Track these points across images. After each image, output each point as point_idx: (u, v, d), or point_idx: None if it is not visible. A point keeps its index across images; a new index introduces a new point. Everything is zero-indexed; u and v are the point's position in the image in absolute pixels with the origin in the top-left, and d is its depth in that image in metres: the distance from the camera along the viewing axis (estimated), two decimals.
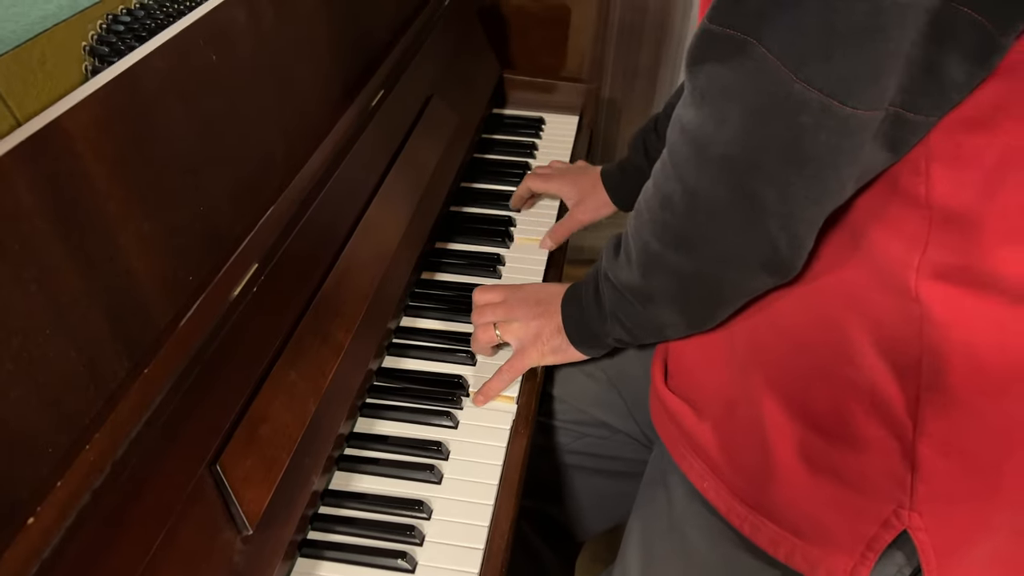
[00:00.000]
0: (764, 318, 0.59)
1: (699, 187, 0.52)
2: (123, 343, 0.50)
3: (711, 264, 0.56)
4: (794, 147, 0.46)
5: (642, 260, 0.60)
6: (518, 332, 0.75)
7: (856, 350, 0.54)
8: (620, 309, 0.66)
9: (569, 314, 0.73)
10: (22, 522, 0.41)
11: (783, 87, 0.44)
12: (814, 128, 0.45)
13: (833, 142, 0.46)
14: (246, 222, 0.63)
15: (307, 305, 0.67)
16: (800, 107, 0.44)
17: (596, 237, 1.78)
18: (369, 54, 0.89)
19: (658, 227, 0.57)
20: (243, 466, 0.55)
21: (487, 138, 1.20)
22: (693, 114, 0.50)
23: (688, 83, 0.51)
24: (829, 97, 0.44)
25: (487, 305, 0.78)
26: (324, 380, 0.64)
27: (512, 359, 0.76)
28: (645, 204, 0.59)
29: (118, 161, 0.50)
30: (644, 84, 1.50)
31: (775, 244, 0.51)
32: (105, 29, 0.65)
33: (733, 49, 0.46)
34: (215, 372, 0.56)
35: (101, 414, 0.47)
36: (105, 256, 0.49)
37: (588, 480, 0.86)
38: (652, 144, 0.94)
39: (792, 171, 0.47)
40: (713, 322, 0.63)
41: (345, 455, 0.70)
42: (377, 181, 0.83)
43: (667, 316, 0.63)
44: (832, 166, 0.47)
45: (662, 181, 0.56)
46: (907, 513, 0.54)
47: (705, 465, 0.64)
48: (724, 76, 0.47)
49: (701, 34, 0.48)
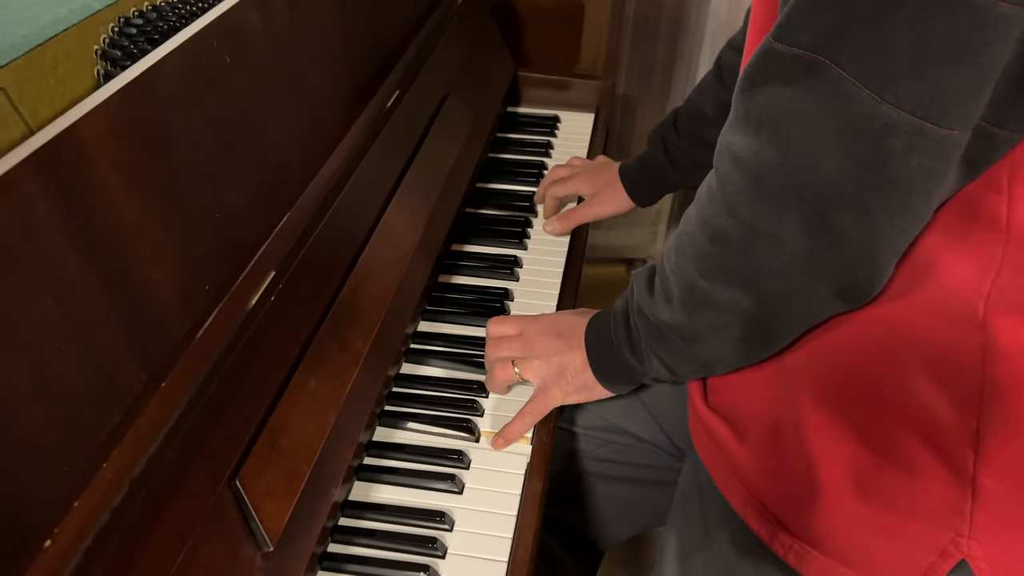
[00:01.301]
0: (814, 336, 0.57)
1: (760, 219, 0.48)
2: (140, 356, 0.49)
3: (773, 299, 0.52)
4: (878, 173, 0.43)
5: (687, 299, 0.56)
6: (539, 370, 0.70)
7: (911, 375, 0.51)
8: (660, 347, 0.61)
9: (595, 350, 0.68)
10: (39, 545, 0.40)
11: (865, 109, 0.41)
12: (904, 152, 0.42)
13: (926, 165, 0.42)
14: (263, 229, 0.61)
15: (325, 312, 0.66)
16: (888, 130, 0.41)
17: (612, 236, 1.77)
18: (383, 54, 0.88)
19: (707, 263, 0.53)
20: (263, 480, 0.54)
21: (502, 137, 1.18)
22: (748, 141, 0.47)
23: (741, 107, 0.48)
24: (922, 119, 0.41)
25: (503, 338, 0.73)
26: (343, 389, 0.63)
27: (535, 400, 0.70)
28: (688, 238, 0.55)
29: (133, 169, 0.49)
30: (660, 80, 1.48)
31: (852, 275, 0.48)
32: (117, 32, 0.63)
33: (801, 70, 0.43)
34: (234, 383, 0.54)
35: (119, 430, 0.46)
36: (121, 267, 0.48)
37: (612, 488, 0.84)
38: (672, 141, 0.92)
39: (876, 198, 0.44)
40: (768, 354, 0.58)
41: (364, 464, 0.68)
42: (394, 184, 0.81)
43: (716, 353, 0.59)
44: (922, 190, 0.44)
45: (711, 214, 0.52)
46: (966, 541, 0.52)
47: (747, 490, 0.62)
48: (790, 99, 0.44)
49: (764, 53, 0.45)
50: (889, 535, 0.55)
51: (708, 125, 0.89)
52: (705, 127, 0.89)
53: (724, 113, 0.86)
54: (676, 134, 0.92)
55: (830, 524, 0.57)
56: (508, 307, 0.86)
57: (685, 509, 0.72)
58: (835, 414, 0.56)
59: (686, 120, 0.91)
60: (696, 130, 0.90)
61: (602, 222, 1.04)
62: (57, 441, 0.42)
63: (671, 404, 0.78)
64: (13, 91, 0.54)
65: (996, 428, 0.49)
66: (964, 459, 0.51)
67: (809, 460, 0.58)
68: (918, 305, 0.50)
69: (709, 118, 0.89)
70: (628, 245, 1.84)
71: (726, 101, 0.86)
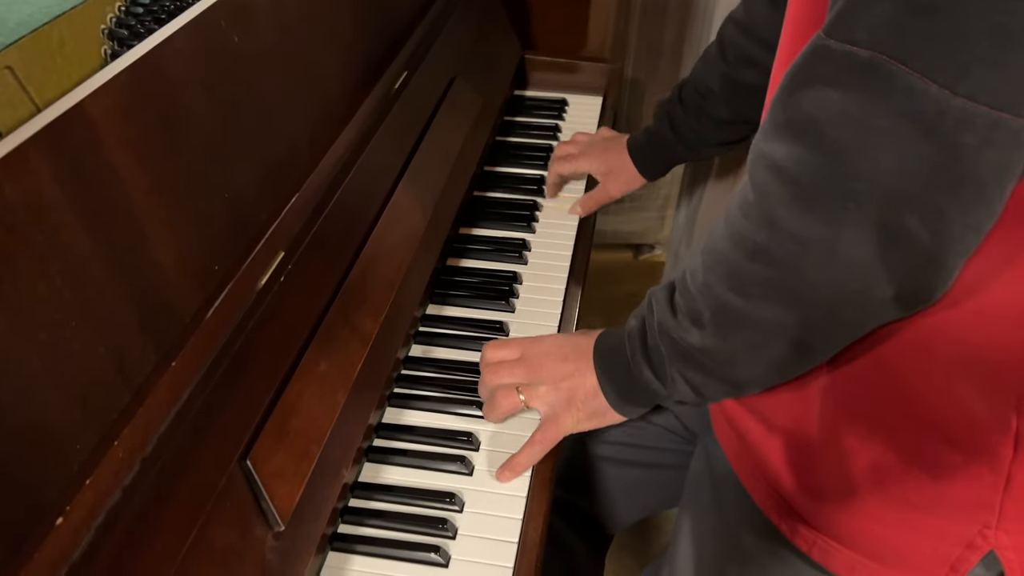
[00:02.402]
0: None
1: (808, 231, 0.45)
2: (151, 335, 0.49)
3: (820, 313, 0.49)
4: (949, 171, 0.41)
5: (720, 321, 0.52)
6: (547, 397, 0.65)
7: (950, 375, 0.50)
8: (688, 369, 0.57)
9: (610, 372, 0.63)
10: (51, 523, 0.40)
11: (934, 106, 0.39)
12: (978, 147, 0.39)
13: (1002, 159, 0.40)
14: (272, 209, 0.61)
15: (335, 294, 0.66)
16: (961, 126, 0.39)
17: (619, 221, 1.76)
18: (392, 35, 0.87)
19: (743, 281, 0.50)
20: (274, 460, 0.54)
21: (509, 120, 1.17)
22: (788, 148, 0.44)
23: (781, 113, 0.45)
24: (1000, 111, 0.38)
25: (502, 363, 0.68)
26: (353, 370, 0.63)
27: (544, 429, 0.65)
28: (720, 256, 0.51)
29: (142, 148, 0.49)
30: (668, 62, 1.47)
31: (916, 280, 0.45)
32: (124, 11, 0.63)
33: (856, 69, 0.40)
34: (244, 364, 0.54)
35: (129, 409, 0.46)
36: (131, 246, 0.48)
37: (620, 471, 0.84)
38: (677, 116, 0.92)
39: (946, 198, 0.41)
40: (807, 369, 0.55)
41: (374, 446, 0.68)
42: (402, 166, 0.81)
43: (753, 373, 0.55)
44: (997, 185, 0.41)
45: (747, 229, 0.48)
46: (993, 532, 0.51)
47: (769, 484, 0.62)
48: (841, 101, 0.41)
49: (814, 51, 0.42)
50: (916, 530, 0.54)
51: (714, 100, 0.88)
52: (710, 102, 0.88)
53: (728, 88, 0.87)
54: (682, 109, 0.91)
55: (856, 519, 0.57)
56: (517, 290, 0.86)
57: (697, 494, 0.72)
58: (867, 412, 0.55)
59: (692, 95, 0.91)
60: (701, 105, 0.89)
61: (608, 207, 1.03)
62: (68, 420, 0.42)
63: None
64: (20, 70, 0.54)
65: None
66: (1002, 457, 0.50)
67: (838, 456, 0.57)
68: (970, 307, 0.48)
69: (715, 93, 0.88)
70: (636, 231, 1.83)
71: (729, 76, 0.86)
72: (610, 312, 1.66)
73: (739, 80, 0.85)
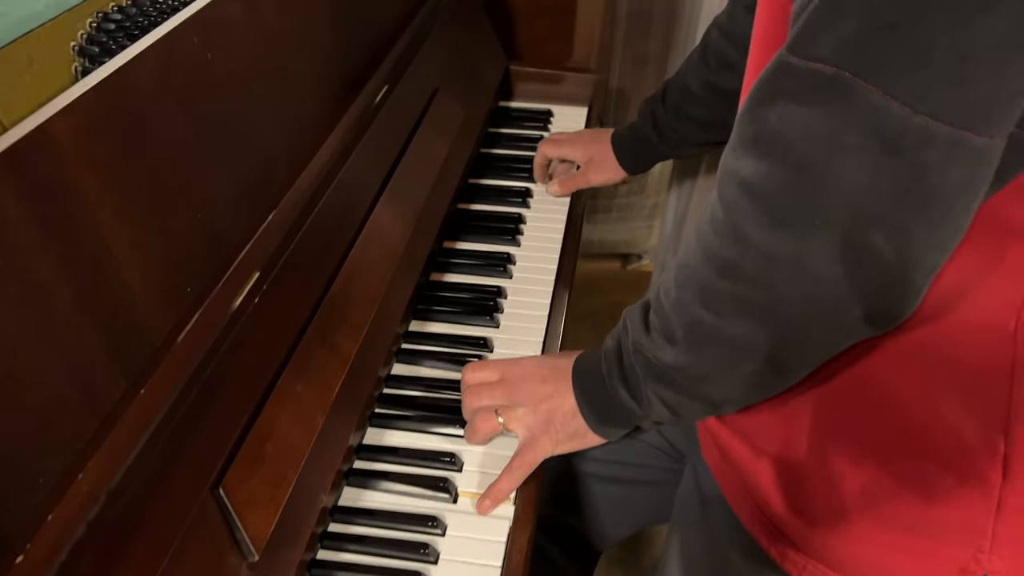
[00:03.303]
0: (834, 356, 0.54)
1: (776, 248, 0.45)
2: (119, 361, 0.47)
3: (793, 329, 0.48)
4: (912, 189, 0.40)
5: (692, 338, 0.52)
6: (525, 419, 0.64)
7: (938, 396, 0.49)
8: (662, 388, 0.56)
9: (588, 395, 0.62)
10: (11, 560, 0.38)
11: (895, 123, 0.39)
12: (942, 165, 0.39)
13: (966, 177, 0.40)
14: (247, 228, 0.60)
15: (312, 313, 0.64)
16: (923, 143, 0.39)
17: (607, 231, 1.75)
18: (373, 47, 0.86)
19: (715, 297, 0.49)
20: (248, 487, 0.52)
21: (494, 132, 1.17)
22: (757, 164, 0.44)
23: (748, 128, 0.44)
24: (962, 129, 0.38)
25: (482, 385, 0.67)
26: (332, 392, 0.62)
27: (522, 453, 0.64)
28: (691, 273, 0.51)
29: (111, 167, 0.47)
30: (654, 72, 1.46)
31: (884, 298, 0.45)
32: (95, 28, 0.61)
33: (820, 86, 0.40)
34: (217, 388, 0.53)
35: (96, 439, 0.45)
36: (99, 269, 0.46)
37: (609, 489, 0.83)
38: (660, 115, 0.95)
39: (910, 215, 0.41)
40: (784, 388, 0.54)
41: (354, 469, 0.67)
42: (383, 180, 0.80)
43: (727, 391, 0.54)
44: (962, 203, 0.41)
45: (717, 246, 0.48)
46: (987, 557, 0.50)
47: (757, 507, 0.60)
48: (806, 117, 0.41)
49: (777, 68, 0.42)
50: (908, 553, 0.53)
51: (694, 102, 0.91)
52: (691, 103, 0.91)
53: (707, 91, 0.88)
54: (664, 108, 0.94)
55: (847, 543, 0.55)
56: (501, 305, 0.85)
57: (686, 513, 0.71)
58: (856, 434, 0.54)
59: (674, 95, 0.93)
60: (682, 105, 0.92)
61: (596, 216, 1.03)
62: (30, 451, 0.41)
63: None
64: None
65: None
66: (991, 481, 0.49)
67: (827, 479, 0.55)
68: (946, 319, 0.48)
69: (695, 95, 0.90)
70: (623, 240, 1.82)
71: (709, 79, 0.87)
72: (597, 322, 1.65)
73: (718, 84, 0.87)
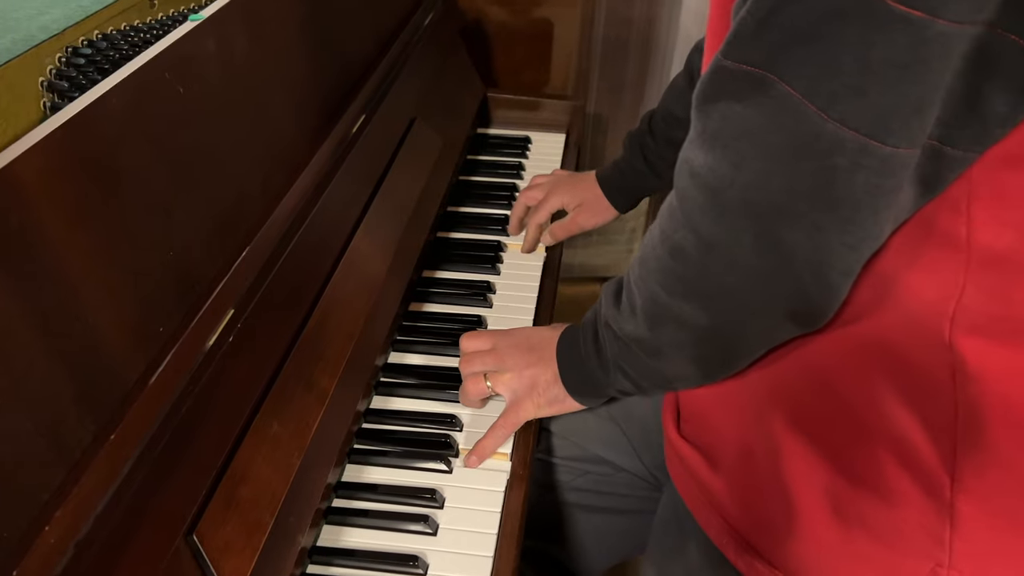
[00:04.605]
0: (785, 359, 0.55)
1: (716, 236, 0.48)
2: (88, 406, 0.46)
3: (730, 316, 0.51)
4: (826, 190, 0.43)
5: (649, 312, 0.55)
6: (511, 383, 0.69)
7: (885, 399, 0.50)
8: (624, 361, 0.61)
9: (566, 362, 0.67)
10: None
11: (812, 127, 0.41)
12: (850, 169, 0.41)
13: (872, 183, 0.42)
14: (220, 264, 0.59)
15: (289, 349, 0.63)
16: (834, 148, 0.41)
17: (588, 255, 1.75)
18: (348, 78, 0.86)
19: (667, 277, 0.53)
20: (223, 534, 0.51)
21: (472, 159, 1.16)
22: (704, 157, 0.46)
23: (697, 123, 0.47)
24: (867, 137, 0.40)
25: (475, 353, 0.72)
26: (309, 431, 0.60)
27: (506, 413, 0.69)
28: (651, 252, 0.54)
29: (78, 208, 0.47)
30: (631, 98, 1.47)
31: (806, 294, 0.47)
32: (64, 63, 0.61)
33: (751, 86, 0.42)
34: (190, 431, 0.51)
35: (63, 488, 0.43)
36: (66, 311, 0.45)
37: (591, 518, 0.82)
38: (649, 146, 0.93)
39: (825, 216, 0.44)
40: (729, 373, 0.58)
41: (333, 507, 0.65)
42: (360, 212, 0.79)
43: (678, 369, 0.58)
44: (870, 208, 0.43)
45: (671, 229, 0.51)
46: (946, 572, 0.50)
47: (724, 520, 0.61)
48: (741, 116, 0.43)
49: (714, 71, 0.44)
50: (869, 565, 0.53)
51: (682, 127, 0.87)
52: (680, 129, 0.89)
53: None
54: (652, 138, 0.93)
55: (809, 553, 0.56)
56: None
57: (663, 540, 0.70)
58: (810, 438, 0.55)
59: (660, 124, 0.92)
60: (671, 133, 0.91)
61: (576, 240, 1.03)
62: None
63: (648, 433, 0.76)
64: None
65: (971, 454, 0.48)
66: (941, 485, 0.49)
67: (785, 487, 0.56)
68: (887, 325, 0.49)
69: (683, 120, 0.87)
70: (603, 264, 1.82)
71: None
72: None
73: None
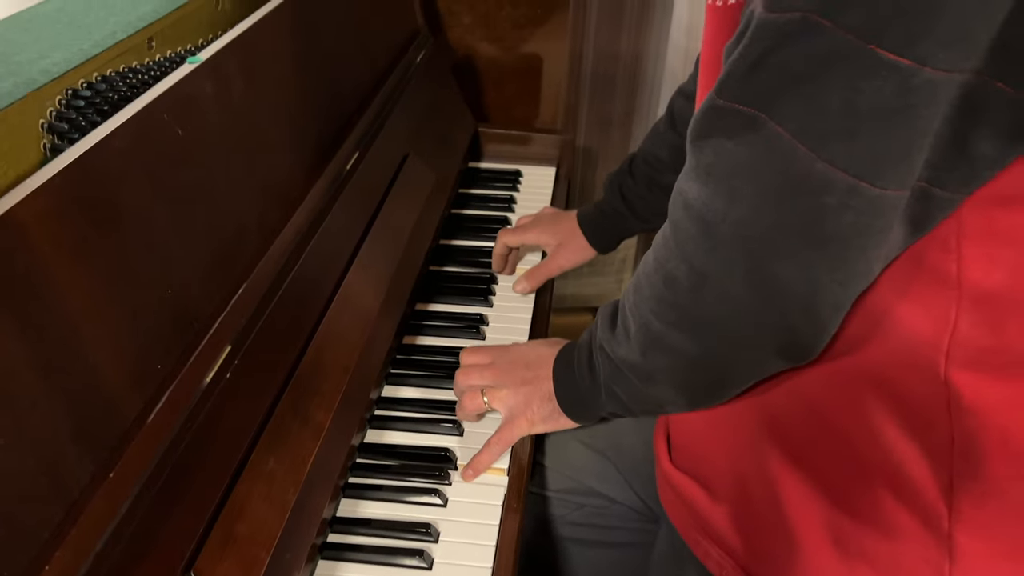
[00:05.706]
0: (777, 388, 0.56)
1: (708, 268, 0.49)
2: (86, 445, 0.46)
3: (719, 347, 0.52)
4: (816, 228, 0.44)
5: (642, 338, 0.56)
6: (507, 399, 0.71)
7: (881, 432, 0.51)
8: (616, 384, 0.62)
9: (561, 381, 0.68)
10: None
11: (802, 166, 0.42)
12: (838, 209, 0.42)
13: (861, 223, 0.43)
14: (217, 302, 0.59)
15: (284, 384, 0.63)
16: (823, 187, 0.42)
17: (579, 285, 1.76)
18: (342, 116, 0.87)
19: (660, 306, 0.53)
20: (220, 571, 0.51)
21: (464, 193, 1.18)
22: (699, 190, 0.48)
23: (692, 158, 0.48)
24: (856, 178, 0.41)
25: (474, 366, 0.74)
26: (304, 466, 0.61)
27: (501, 429, 0.71)
28: (645, 279, 0.55)
29: (79, 249, 0.47)
30: (619, 133, 1.50)
31: (794, 330, 0.48)
32: (64, 105, 0.62)
33: (743, 125, 0.44)
34: (187, 469, 0.52)
35: (62, 527, 0.43)
36: (66, 351, 0.46)
37: (587, 552, 0.82)
38: (629, 187, 0.93)
39: (814, 253, 0.45)
40: (716, 403, 0.59)
41: (329, 543, 0.65)
42: (355, 247, 0.80)
43: (668, 395, 0.59)
44: (858, 247, 0.44)
45: (665, 258, 0.52)
46: None
47: (722, 551, 0.61)
48: (732, 152, 0.45)
49: (707, 109, 0.46)
50: None
51: (664, 170, 0.90)
52: (661, 172, 0.90)
53: (678, 158, 0.88)
54: (633, 180, 0.93)
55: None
56: None
57: (662, 573, 0.70)
58: (805, 469, 0.55)
59: (642, 166, 0.92)
60: (652, 175, 0.91)
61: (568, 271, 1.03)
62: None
63: (641, 464, 0.76)
64: None
65: (969, 486, 0.49)
66: (939, 516, 0.50)
67: (784, 517, 0.56)
68: (879, 358, 0.50)
69: (664, 162, 0.90)
70: (595, 294, 1.83)
71: (679, 146, 0.88)
72: None
73: None
